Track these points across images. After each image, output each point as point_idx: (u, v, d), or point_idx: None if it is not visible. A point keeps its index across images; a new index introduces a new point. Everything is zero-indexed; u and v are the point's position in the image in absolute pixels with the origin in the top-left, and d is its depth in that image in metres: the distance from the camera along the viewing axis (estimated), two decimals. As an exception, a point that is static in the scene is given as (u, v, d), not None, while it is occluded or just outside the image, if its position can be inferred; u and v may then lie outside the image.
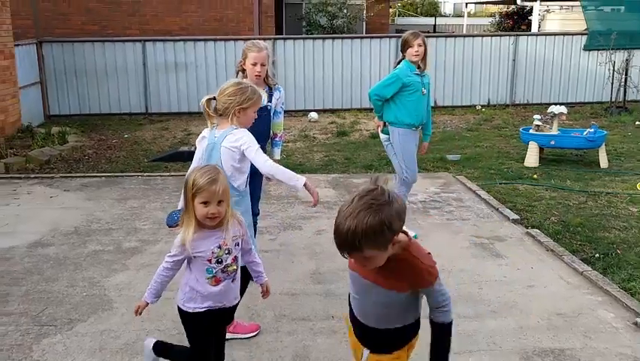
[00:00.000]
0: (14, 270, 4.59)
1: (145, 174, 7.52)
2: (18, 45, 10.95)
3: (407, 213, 5.43)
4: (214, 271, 2.64)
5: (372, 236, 2.00)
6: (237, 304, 2.86)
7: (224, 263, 2.66)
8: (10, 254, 4.90)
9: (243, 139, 3.30)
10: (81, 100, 12.42)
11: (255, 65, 4.17)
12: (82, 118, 12.17)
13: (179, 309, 2.76)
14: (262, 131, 4.34)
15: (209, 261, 2.62)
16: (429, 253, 2.29)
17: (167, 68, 12.47)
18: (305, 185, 3.31)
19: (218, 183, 2.55)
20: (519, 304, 4.10)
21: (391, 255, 2.14)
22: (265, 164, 3.31)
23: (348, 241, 2.01)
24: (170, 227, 3.17)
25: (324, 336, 3.67)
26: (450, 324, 2.27)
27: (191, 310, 2.71)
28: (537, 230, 5.48)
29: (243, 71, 4.32)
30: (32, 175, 7.47)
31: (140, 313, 2.76)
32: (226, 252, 2.65)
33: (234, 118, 3.34)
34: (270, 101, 4.35)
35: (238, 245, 2.72)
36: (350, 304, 2.43)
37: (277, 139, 4.47)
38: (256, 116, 3.50)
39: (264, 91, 4.35)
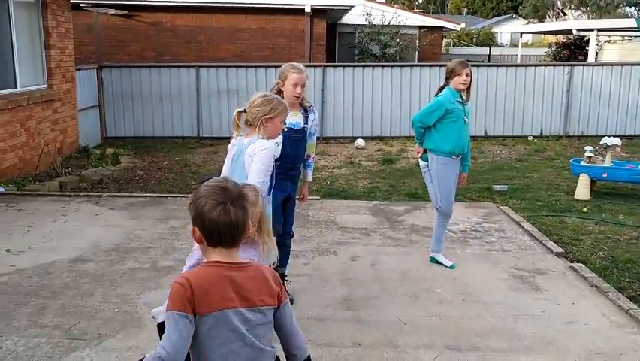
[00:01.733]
0: (53, 284, 4.72)
1: (189, 195, 7.63)
2: (79, 70, 11.46)
3: (445, 242, 5.32)
4: None
5: None
6: None
7: None
8: (51, 268, 5.05)
9: (257, 149, 3.40)
10: (136, 123, 12.84)
11: (295, 86, 4.26)
12: (136, 140, 12.57)
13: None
14: (299, 154, 4.40)
15: None
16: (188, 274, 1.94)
17: (219, 93, 12.77)
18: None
19: (257, 206, 2.59)
20: (556, 341, 3.92)
21: None
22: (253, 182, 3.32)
23: None
24: None
25: (348, 364, 3.60)
26: None
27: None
28: (582, 265, 5.26)
29: (280, 92, 4.38)
30: (82, 193, 7.73)
31: None
32: None
33: (262, 128, 3.49)
34: (306, 123, 4.40)
35: None
36: None
37: (310, 160, 4.56)
38: (283, 127, 3.65)
39: (300, 113, 4.40)
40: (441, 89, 5.20)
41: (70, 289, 4.62)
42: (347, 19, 18.30)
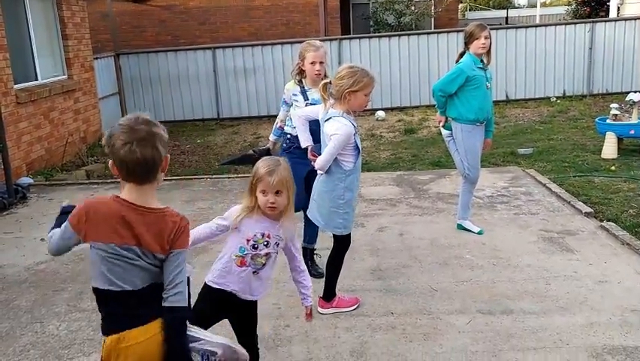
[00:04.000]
0: (89, 269, 4.82)
1: (214, 177, 7.73)
2: (97, 58, 11.54)
3: (472, 208, 5.30)
4: (244, 252, 2.70)
5: None
6: (252, 303, 2.84)
7: (257, 251, 2.70)
8: (85, 255, 5.12)
9: (333, 129, 3.52)
10: (156, 108, 12.91)
11: (314, 63, 4.28)
12: (157, 125, 12.65)
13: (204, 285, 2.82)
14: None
15: (247, 241, 2.69)
16: None
17: (236, 73, 12.76)
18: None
19: (274, 175, 2.64)
20: (589, 300, 3.91)
21: None
22: (321, 157, 3.61)
23: None
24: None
25: (382, 332, 3.64)
26: None
27: (208, 282, 2.79)
28: (612, 223, 5.21)
29: (301, 72, 4.38)
30: (109, 180, 7.84)
31: None
32: (265, 243, 2.70)
33: (345, 101, 3.52)
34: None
35: (278, 245, 2.76)
36: None
37: None
38: (369, 100, 3.62)
39: None
40: (461, 55, 5.13)
41: (106, 273, 4.72)
42: (360, -11, 18.09)
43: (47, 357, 3.54)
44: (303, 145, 4.07)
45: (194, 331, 2.20)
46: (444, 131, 5.32)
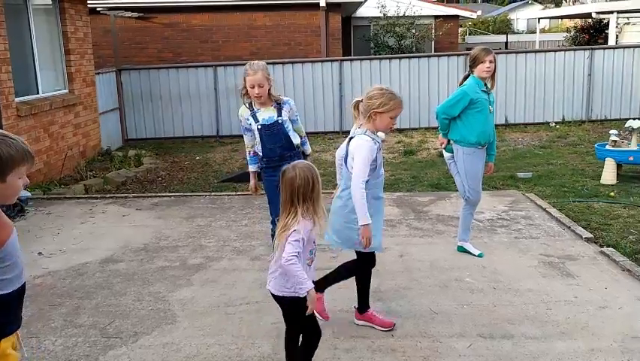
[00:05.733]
0: (86, 284, 4.79)
1: (212, 194, 7.71)
2: (99, 73, 11.58)
3: (472, 231, 5.29)
4: (312, 253, 2.97)
5: None
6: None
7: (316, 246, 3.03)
8: (83, 269, 5.12)
9: (356, 146, 3.59)
10: (156, 124, 12.94)
11: (252, 87, 4.41)
12: (157, 141, 12.68)
13: (293, 299, 2.90)
14: (282, 145, 4.60)
15: (314, 243, 2.97)
16: None
17: (237, 91, 12.75)
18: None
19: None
20: (590, 326, 3.89)
21: None
22: (356, 170, 3.59)
23: None
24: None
25: (382, 354, 3.60)
26: None
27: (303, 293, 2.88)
28: (612, 249, 5.20)
29: (246, 94, 4.50)
30: (108, 195, 7.83)
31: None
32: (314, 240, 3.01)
33: (371, 120, 3.62)
34: (280, 115, 4.56)
35: None
36: None
37: (304, 139, 4.81)
38: (394, 123, 3.71)
39: (272, 107, 4.56)
40: (465, 78, 5.16)
41: (103, 289, 4.69)
42: (361, 11, 18.25)
43: (42, 373, 3.49)
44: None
45: None
46: (446, 154, 5.33)
